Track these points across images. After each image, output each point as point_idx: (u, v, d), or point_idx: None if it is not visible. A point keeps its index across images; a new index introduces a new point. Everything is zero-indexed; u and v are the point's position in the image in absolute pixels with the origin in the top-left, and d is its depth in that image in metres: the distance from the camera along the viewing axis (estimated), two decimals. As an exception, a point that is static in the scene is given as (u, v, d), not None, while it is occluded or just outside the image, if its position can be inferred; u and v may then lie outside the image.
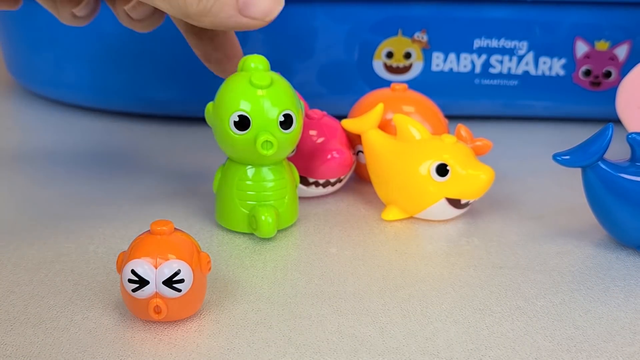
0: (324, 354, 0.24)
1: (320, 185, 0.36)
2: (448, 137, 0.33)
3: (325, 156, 0.35)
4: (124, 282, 0.24)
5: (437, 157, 0.33)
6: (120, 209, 0.35)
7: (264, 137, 0.29)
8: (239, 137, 0.30)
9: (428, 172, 0.33)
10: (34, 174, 0.40)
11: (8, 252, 0.31)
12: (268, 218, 0.31)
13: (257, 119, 0.29)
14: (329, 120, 0.37)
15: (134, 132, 0.47)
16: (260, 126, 0.29)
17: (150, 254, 0.24)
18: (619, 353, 0.24)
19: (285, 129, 0.30)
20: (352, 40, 0.45)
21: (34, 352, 0.24)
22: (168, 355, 0.24)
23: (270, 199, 0.31)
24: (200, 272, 0.25)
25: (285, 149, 0.31)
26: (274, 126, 0.30)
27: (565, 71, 0.46)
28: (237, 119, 0.30)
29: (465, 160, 0.33)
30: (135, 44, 0.45)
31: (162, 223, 0.25)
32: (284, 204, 0.32)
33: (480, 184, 0.33)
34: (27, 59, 0.50)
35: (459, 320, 0.26)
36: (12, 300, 0.27)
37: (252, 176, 0.31)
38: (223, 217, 0.33)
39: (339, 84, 0.46)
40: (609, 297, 0.28)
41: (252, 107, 0.29)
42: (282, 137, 0.30)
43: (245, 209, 0.32)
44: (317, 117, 0.36)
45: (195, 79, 0.45)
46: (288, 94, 0.30)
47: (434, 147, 0.33)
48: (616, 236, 0.31)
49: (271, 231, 0.31)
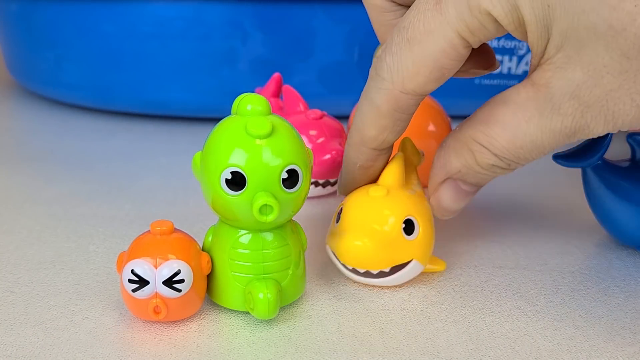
0: (324, 354, 0.24)
1: (320, 185, 0.36)
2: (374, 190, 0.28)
3: (324, 156, 0.35)
4: (124, 282, 0.24)
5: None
6: (120, 209, 0.35)
7: (263, 199, 0.24)
8: (232, 198, 0.24)
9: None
10: (34, 174, 0.40)
11: (8, 252, 0.31)
12: (267, 294, 0.25)
13: (255, 176, 0.24)
14: (328, 120, 0.37)
15: (134, 132, 0.47)
16: (258, 185, 0.24)
17: (150, 254, 0.24)
18: (619, 353, 0.24)
19: (288, 188, 0.24)
20: (352, 40, 0.45)
21: (34, 352, 0.24)
22: (168, 355, 0.24)
23: (270, 271, 0.26)
24: (200, 272, 0.25)
25: (288, 211, 0.25)
26: (275, 185, 0.24)
27: (565, 71, 0.46)
28: (230, 176, 0.24)
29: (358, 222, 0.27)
30: (135, 44, 0.45)
31: (161, 223, 0.25)
32: (287, 276, 0.26)
33: (355, 251, 0.27)
34: (27, 59, 0.50)
35: (459, 320, 0.26)
36: (12, 300, 0.27)
37: (248, 243, 0.25)
38: (213, 290, 0.27)
39: (339, 84, 0.46)
40: (609, 297, 0.28)
41: (248, 162, 0.24)
42: (285, 198, 0.24)
43: (240, 283, 0.26)
44: (316, 117, 0.36)
45: (196, 79, 0.45)
46: (293, 144, 0.25)
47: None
48: (616, 236, 0.31)
49: (271, 311, 0.25)
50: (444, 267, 0.29)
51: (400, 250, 0.27)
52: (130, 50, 0.45)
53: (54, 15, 0.46)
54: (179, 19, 0.44)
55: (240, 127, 0.24)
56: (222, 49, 0.45)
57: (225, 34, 0.44)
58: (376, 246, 0.27)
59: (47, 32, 0.47)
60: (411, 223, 0.27)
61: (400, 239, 0.27)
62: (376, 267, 0.27)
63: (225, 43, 0.44)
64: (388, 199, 0.27)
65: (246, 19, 0.44)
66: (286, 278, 0.26)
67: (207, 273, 0.26)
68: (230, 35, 0.44)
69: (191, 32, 0.44)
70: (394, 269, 0.27)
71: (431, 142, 0.36)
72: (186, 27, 0.44)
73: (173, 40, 0.44)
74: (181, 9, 0.44)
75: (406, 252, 0.27)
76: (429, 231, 0.28)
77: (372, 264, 0.27)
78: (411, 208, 0.28)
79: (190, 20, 0.44)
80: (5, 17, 0.50)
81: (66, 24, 0.46)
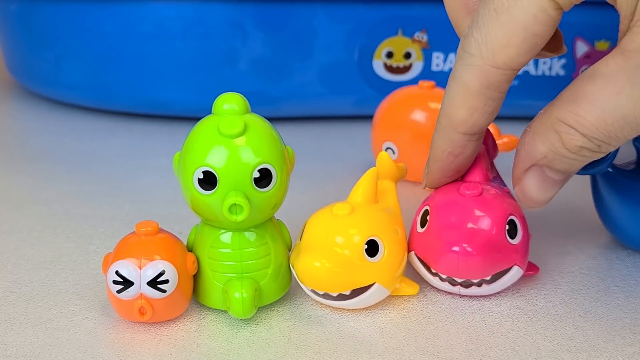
0: (324, 354, 0.24)
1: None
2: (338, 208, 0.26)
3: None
4: (109, 283, 0.24)
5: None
6: (120, 209, 0.35)
7: (232, 199, 0.24)
8: (205, 197, 0.24)
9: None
10: (34, 174, 0.40)
11: (8, 252, 0.31)
12: (243, 294, 0.25)
13: (225, 175, 0.24)
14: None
15: (134, 132, 0.47)
16: (229, 185, 0.24)
17: (135, 254, 0.24)
18: (619, 353, 0.24)
19: (261, 188, 0.24)
20: (352, 40, 0.45)
21: (34, 352, 0.24)
22: (168, 355, 0.24)
23: (248, 270, 0.26)
24: (185, 273, 0.25)
25: (262, 211, 0.25)
26: (246, 184, 0.24)
27: (565, 71, 0.46)
28: (202, 175, 0.24)
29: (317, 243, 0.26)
30: (135, 44, 0.45)
31: (146, 224, 0.25)
32: (266, 275, 0.26)
33: (313, 273, 0.25)
34: (27, 59, 0.50)
35: (459, 320, 0.26)
36: (12, 300, 0.27)
37: (225, 242, 0.25)
38: (196, 289, 0.27)
39: (339, 84, 0.46)
40: (609, 297, 0.28)
41: (219, 161, 0.24)
42: (258, 198, 0.24)
43: (219, 282, 0.26)
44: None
45: (196, 79, 0.45)
46: (267, 143, 0.25)
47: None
48: (626, 242, 0.31)
49: (246, 311, 0.25)
50: (417, 291, 0.27)
51: (362, 273, 0.25)
52: (130, 50, 0.45)
53: (54, 15, 0.46)
54: (179, 19, 0.44)
55: (214, 126, 0.24)
56: (222, 49, 0.45)
57: (225, 34, 0.44)
58: (335, 268, 0.25)
59: (47, 32, 0.47)
60: (375, 244, 0.25)
61: (361, 261, 0.25)
62: (335, 289, 0.25)
63: (225, 43, 0.44)
64: (352, 218, 0.26)
65: (246, 19, 0.44)
66: (265, 277, 0.26)
67: (193, 273, 0.26)
68: (230, 35, 0.44)
69: (191, 32, 0.44)
70: (354, 292, 0.25)
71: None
72: (186, 27, 0.44)
73: (173, 40, 0.44)
74: (181, 9, 0.44)
75: (368, 275, 0.25)
76: (397, 253, 0.26)
77: (331, 286, 0.25)
78: (377, 228, 0.26)
79: (190, 20, 0.44)
80: (5, 17, 0.50)
81: (66, 24, 0.46)
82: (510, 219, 0.26)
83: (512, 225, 0.26)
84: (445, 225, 0.26)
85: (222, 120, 0.24)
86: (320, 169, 0.41)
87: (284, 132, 0.26)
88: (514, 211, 0.26)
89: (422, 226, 0.27)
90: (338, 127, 0.48)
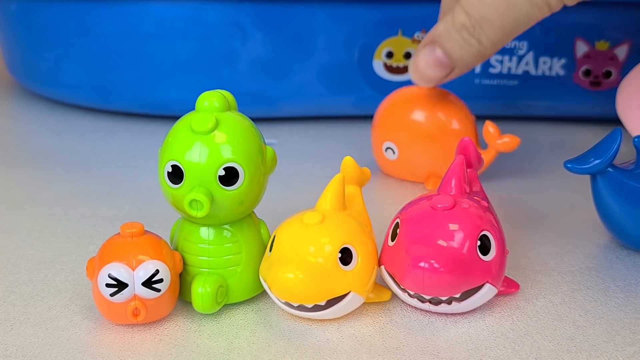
0: (324, 354, 0.24)
1: None
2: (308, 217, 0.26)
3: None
4: (100, 287, 0.24)
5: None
6: (120, 209, 0.35)
7: (193, 194, 0.24)
8: (173, 190, 0.25)
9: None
10: (34, 174, 0.40)
11: (8, 252, 0.31)
12: (207, 288, 0.25)
13: (192, 171, 0.24)
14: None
15: (134, 132, 0.47)
16: (194, 180, 0.24)
17: (126, 256, 0.24)
18: (619, 353, 0.24)
19: (226, 186, 0.24)
20: (352, 40, 0.45)
21: (34, 352, 0.24)
22: (168, 355, 0.24)
23: (215, 267, 0.26)
24: (174, 271, 0.25)
25: (229, 210, 0.25)
26: (211, 181, 0.24)
27: (565, 71, 0.46)
28: (171, 169, 0.25)
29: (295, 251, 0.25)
30: (135, 44, 0.45)
31: (132, 225, 0.25)
32: (235, 274, 0.26)
33: (287, 285, 0.24)
34: (27, 59, 0.50)
35: (459, 320, 0.26)
36: (12, 300, 0.27)
37: (197, 237, 0.26)
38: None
39: (338, 84, 0.46)
40: (609, 297, 0.28)
41: (186, 156, 0.24)
42: (222, 195, 0.24)
43: (189, 274, 0.26)
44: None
45: (196, 79, 0.45)
46: (238, 141, 0.25)
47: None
48: (626, 242, 0.31)
49: (206, 306, 0.25)
50: (389, 297, 0.27)
51: (337, 283, 0.24)
52: (130, 50, 0.45)
53: (54, 15, 0.46)
54: (179, 19, 0.44)
55: (188, 122, 0.25)
56: (221, 49, 0.45)
57: (225, 33, 0.44)
58: (309, 279, 0.24)
59: (47, 32, 0.47)
60: (349, 252, 0.25)
61: (336, 270, 0.24)
62: (310, 301, 0.24)
63: (225, 43, 0.44)
64: (323, 227, 0.25)
65: (246, 18, 0.44)
66: (234, 275, 0.26)
67: (180, 271, 0.26)
68: (230, 35, 0.44)
69: (191, 32, 0.44)
70: (330, 302, 0.25)
71: (455, 141, 0.35)
72: (186, 27, 0.44)
73: (173, 40, 0.44)
74: (181, 9, 0.44)
75: (343, 284, 0.25)
76: (369, 260, 0.25)
77: (306, 297, 0.24)
78: (349, 235, 0.25)
79: (190, 20, 0.44)
80: (5, 17, 0.50)
81: (66, 24, 0.46)
82: (482, 234, 0.25)
83: (485, 240, 0.25)
84: (413, 240, 0.25)
85: (195, 116, 0.25)
86: (320, 169, 0.40)
87: (284, 132, 0.25)
88: (488, 226, 0.25)
89: (392, 239, 0.26)
90: (338, 127, 0.48)
